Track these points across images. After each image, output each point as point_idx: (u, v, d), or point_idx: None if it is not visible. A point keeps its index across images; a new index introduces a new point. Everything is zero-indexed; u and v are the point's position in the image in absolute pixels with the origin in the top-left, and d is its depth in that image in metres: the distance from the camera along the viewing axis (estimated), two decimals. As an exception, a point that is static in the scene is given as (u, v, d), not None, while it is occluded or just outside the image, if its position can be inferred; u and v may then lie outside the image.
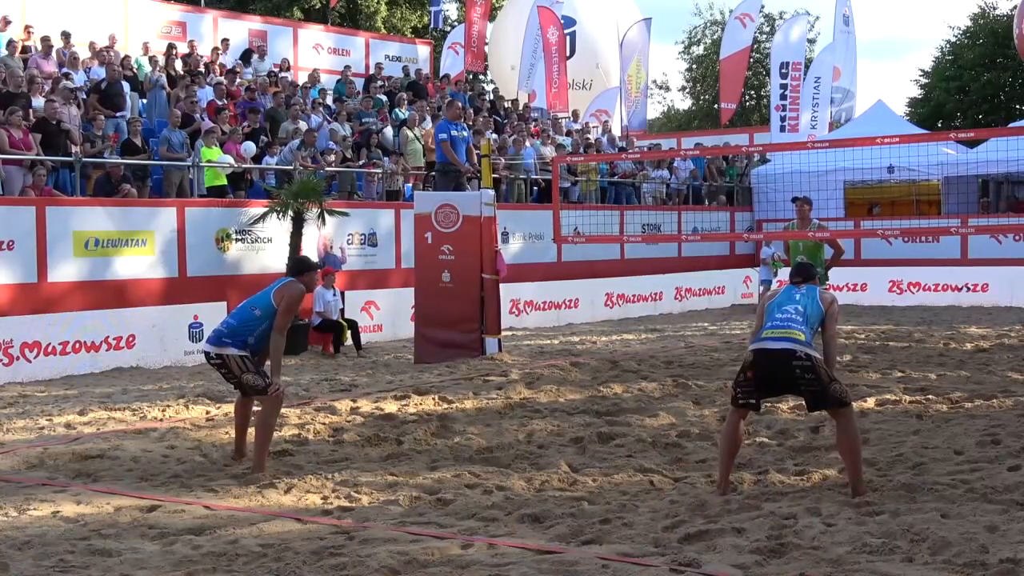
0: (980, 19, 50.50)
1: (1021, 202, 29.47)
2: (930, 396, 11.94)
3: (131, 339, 15.79)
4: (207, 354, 8.96)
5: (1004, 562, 5.88)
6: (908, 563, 6.02)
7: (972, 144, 27.74)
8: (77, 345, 15.23)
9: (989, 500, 7.33)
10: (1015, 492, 7.48)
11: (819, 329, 7.89)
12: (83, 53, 22.14)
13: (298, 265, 9.37)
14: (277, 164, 19.72)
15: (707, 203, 29.74)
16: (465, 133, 18.08)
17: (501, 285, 16.81)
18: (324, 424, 10.82)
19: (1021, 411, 10.91)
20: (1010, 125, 32.80)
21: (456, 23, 42.74)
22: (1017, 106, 47.33)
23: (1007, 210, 28.71)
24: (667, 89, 66.57)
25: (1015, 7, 40.00)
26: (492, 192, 16.86)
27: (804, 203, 14.89)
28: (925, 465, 8.48)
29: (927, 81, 50.99)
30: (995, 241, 24.94)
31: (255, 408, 9.34)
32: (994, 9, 50.47)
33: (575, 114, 30.99)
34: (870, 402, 11.62)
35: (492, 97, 30.15)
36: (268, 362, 9.02)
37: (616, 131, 30.97)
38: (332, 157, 20.11)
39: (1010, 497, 7.36)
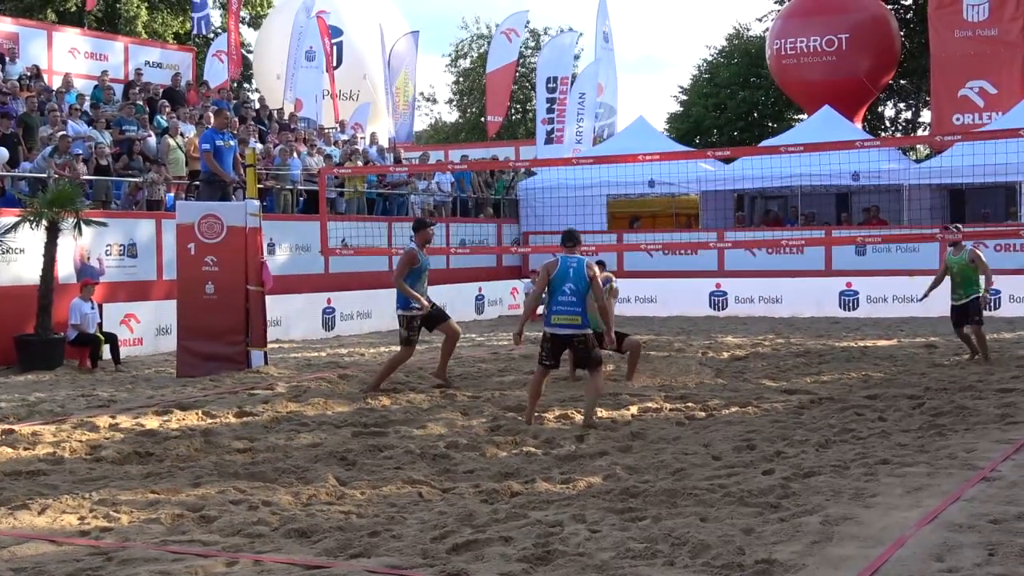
0: (735, 39, 52.44)
1: (775, 217, 30.76)
2: (689, 404, 12.32)
3: None
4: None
5: (760, 563, 6.12)
6: (670, 566, 6.19)
7: (728, 161, 28.88)
8: None
9: (745, 503, 7.60)
10: (769, 495, 7.78)
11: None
12: None
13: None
14: (31, 171, 18.91)
15: (475, 215, 29.99)
16: (232, 143, 17.74)
17: (267, 297, 16.58)
18: (81, 442, 10.43)
19: (774, 417, 11.37)
20: (762, 142, 34.20)
21: (221, 30, 41.91)
22: (770, 123, 49.34)
23: (761, 224, 29.97)
24: (434, 101, 66.94)
25: (767, 29, 41.79)
26: (257, 203, 16.62)
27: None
28: (685, 471, 8.73)
29: (685, 98, 52.61)
30: (750, 254, 25.92)
31: None
32: (748, 30, 52.56)
33: (342, 124, 30.82)
34: (632, 410, 11.92)
35: (258, 106, 29.66)
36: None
37: (384, 143, 30.92)
38: (82, 166, 19.33)
39: (764, 500, 7.66)
